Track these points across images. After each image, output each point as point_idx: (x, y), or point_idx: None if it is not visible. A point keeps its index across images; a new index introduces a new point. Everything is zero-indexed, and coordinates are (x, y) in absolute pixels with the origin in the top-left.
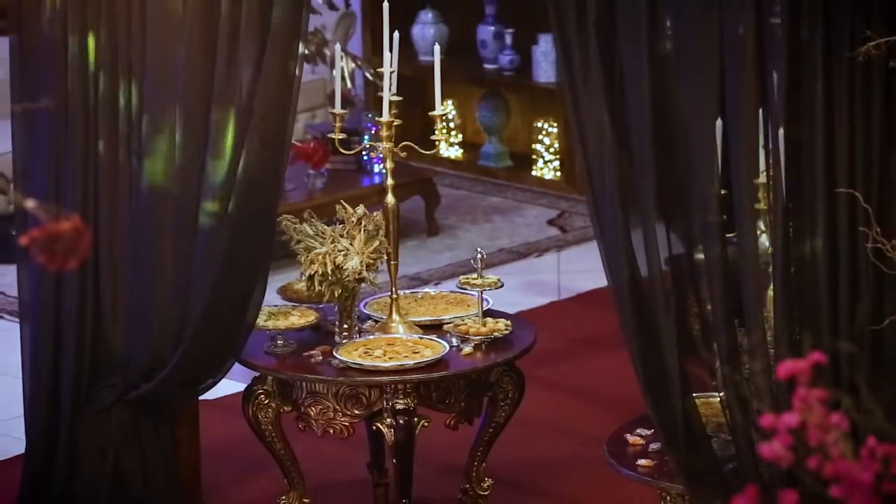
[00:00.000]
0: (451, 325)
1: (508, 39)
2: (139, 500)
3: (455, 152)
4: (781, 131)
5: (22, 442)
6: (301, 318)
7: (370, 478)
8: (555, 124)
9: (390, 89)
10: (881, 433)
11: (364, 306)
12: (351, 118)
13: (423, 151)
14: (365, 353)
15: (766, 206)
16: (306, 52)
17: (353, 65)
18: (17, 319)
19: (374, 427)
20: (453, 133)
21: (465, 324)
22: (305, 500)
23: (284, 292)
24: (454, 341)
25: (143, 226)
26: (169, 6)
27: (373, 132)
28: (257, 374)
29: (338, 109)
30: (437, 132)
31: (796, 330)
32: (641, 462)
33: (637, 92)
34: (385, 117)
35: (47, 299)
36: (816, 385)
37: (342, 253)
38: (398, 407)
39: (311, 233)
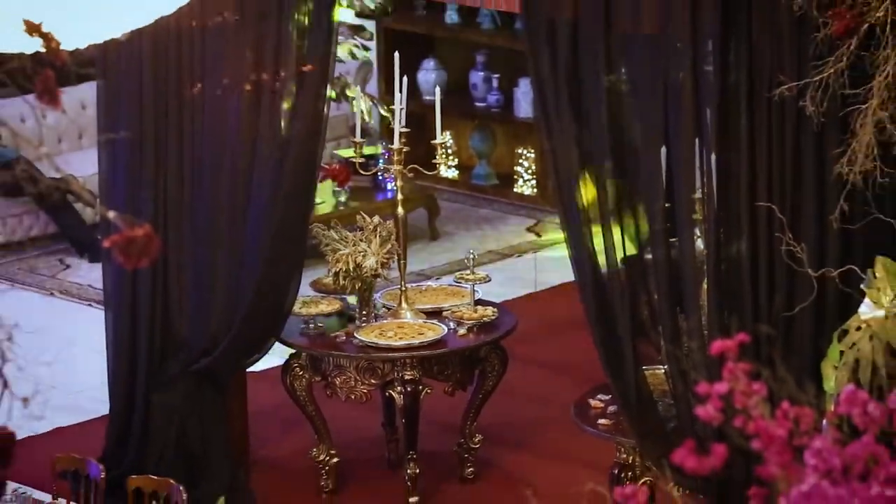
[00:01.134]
0: (449, 311)
1: (495, 82)
2: (199, 451)
3: (452, 173)
4: (713, 157)
5: (105, 405)
6: (329, 306)
7: (384, 434)
8: (532, 151)
9: (400, 122)
10: (793, 398)
11: (379, 296)
12: (368, 146)
13: (426, 172)
14: (380, 334)
15: (702, 216)
16: (332, 93)
17: (370, 103)
18: (102, 307)
19: (387, 393)
20: (451, 157)
21: (460, 311)
22: (332, 452)
23: (315, 285)
24: (451, 325)
25: (202, 233)
26: (223, 55)
27: (386, 157)
28: (294, 351)
29: (358, 139)
30: (437, 157)
31: (726, 315)
32: (601, 421)
33: (598, 125)
34: (396, 145)
35: (126, 292)
36: (742, 360)
37: (361, 254)
38: (406, 377)
39: (337, 238)
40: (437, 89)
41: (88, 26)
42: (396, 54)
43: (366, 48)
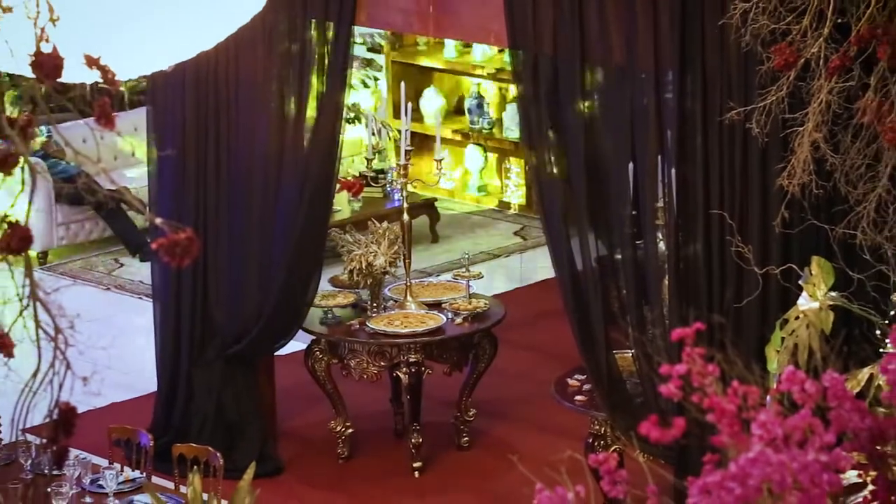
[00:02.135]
0: (447, 303)
1: (486, 107)
2: (234, 423)
3: (450, 185)
4: (673, 171)
5: (153, 383)
6: (344, 299)
7: (391, 408)
8: (518, 166)
9: (405, 142)
10: (741, 377)
11: (387, 291)
12: (378, 162)
13: (428, 184)
14: (388, 322)
15: (663, 222)
16: (347, 116)
17: (380, 125)
18: (151, 300)
19: (394, 374)
20: (449, 172)
21: (457, 303)
22: (347, 424)
23: (333, 281)
24: (449, 315)
25: (236, 237)
26: (254, 84)
27: (393, 171)
28: (315, 337)
29: (370, 156)
30: (437, 171)
31: (684, 307)
32: (578, 398)
33: (574, 143)
34: (402, 161)
35: (171, 286)
36: (698, 345)
37: (372, 254)
38: (411, 360)
39: (351, 240)
40: (437, 114)
41: (139, 60)
42: (402, 83)
43: (376, 78)
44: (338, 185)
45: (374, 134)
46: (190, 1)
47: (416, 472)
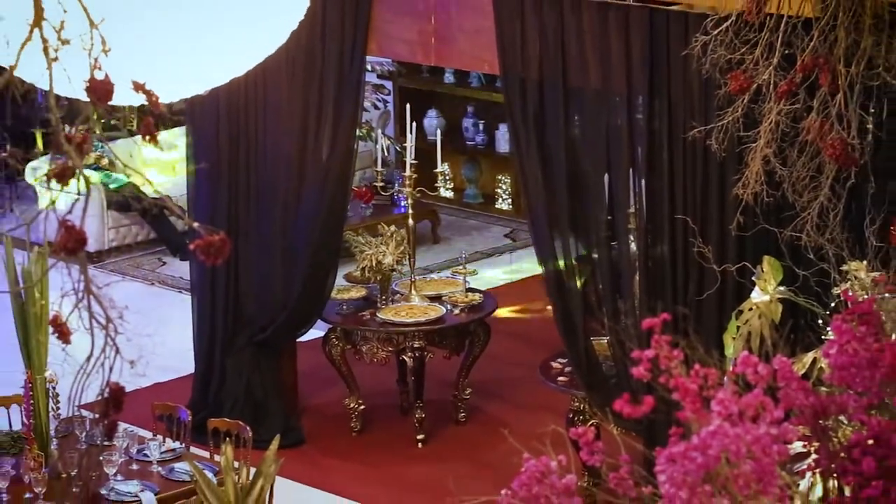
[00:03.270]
0: (447, 296)
1: (481, 126)
2: (260, 401)
3: (449, 194)
4: (643, 181)
5: (192, 366)
6: (357, 293)
7: (398, 388)
8: (509, 177)
9: (410, 156)
10: (702, 361)
11: (395, 285)
12: (387, 173)
13: (430, 193)
14: (395, 313)
15: (635, 226)
16: (360, 133)
17: (388, 142)
18: (190, 294)
19: (400, 358)
20: (448, 182)
21: (455, 296)
22: (360, 401)
23: (347, 277)
24: (448, 306)
25: (264, 239)
26: (279, 106)
27: (400, 182)
28: (331, 326)
29: (379, 168)
30: (438, 182)
31: (653, 300)
32: (560, 378)
33: (557, 157)
34: (407, 173)
35: (206, 282)
36: (664, 333)
37: (381, 254)
38: (415, 345)
39: (363, 242)
40: (438, 131)
41: (179, 85)
42: (407, 105)
43: (385, 101)
44: (351, 194)
45: (383, 149)
46: (224, 35)
47: (420, 444)
